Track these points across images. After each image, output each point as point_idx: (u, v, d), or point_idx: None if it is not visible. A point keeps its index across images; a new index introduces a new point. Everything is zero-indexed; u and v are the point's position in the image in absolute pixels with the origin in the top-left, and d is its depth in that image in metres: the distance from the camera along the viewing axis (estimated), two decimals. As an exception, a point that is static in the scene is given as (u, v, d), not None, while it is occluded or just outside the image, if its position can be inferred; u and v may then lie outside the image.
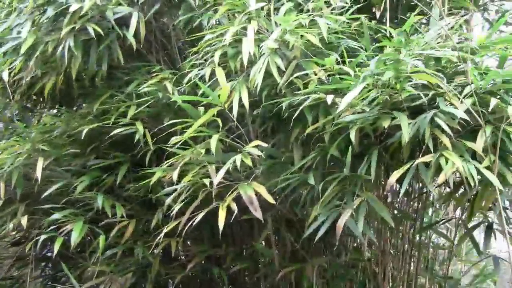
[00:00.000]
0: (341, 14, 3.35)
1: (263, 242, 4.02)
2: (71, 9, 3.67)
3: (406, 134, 2.56)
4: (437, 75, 2.65)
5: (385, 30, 3.25)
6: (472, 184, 2.45)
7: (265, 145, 3.17)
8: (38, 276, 4.84)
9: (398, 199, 3.99)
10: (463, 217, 3.60)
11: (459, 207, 3.51)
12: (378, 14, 3.66)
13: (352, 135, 2.71)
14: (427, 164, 2.63)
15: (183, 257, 4.45)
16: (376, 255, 3.90)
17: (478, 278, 4.24)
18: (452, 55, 2.74)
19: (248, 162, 3.02)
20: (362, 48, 3.24)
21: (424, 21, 3.73)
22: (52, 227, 3.83)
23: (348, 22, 3.35)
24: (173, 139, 3.28)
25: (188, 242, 4.41)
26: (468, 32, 3.66)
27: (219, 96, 3.11)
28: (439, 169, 2.55)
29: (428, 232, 4.11)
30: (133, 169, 3.98)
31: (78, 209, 3.93)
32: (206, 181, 3.09)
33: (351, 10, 3.36)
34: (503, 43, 2.82)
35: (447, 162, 2.51)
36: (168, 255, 3.95)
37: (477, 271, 4.47)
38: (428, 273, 4.10)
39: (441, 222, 3.95)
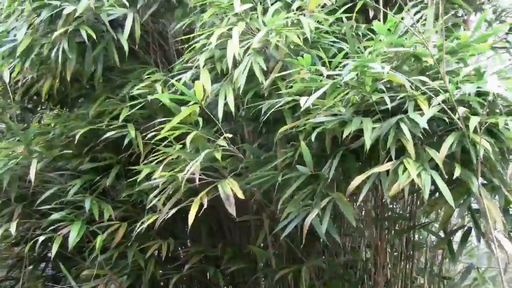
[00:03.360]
0: (333, 13, 3.34)
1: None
2: (65, 12, 3.70)
3: (367, 139, 2.57)
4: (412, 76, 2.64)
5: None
6: (426, 196, 2.44)
7: (229, 134, 3.20)
8: (38, 276, 4.87)
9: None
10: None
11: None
12: (371, 14, 3.63)
13: (313, 137, 2.73)
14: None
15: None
16: (374, 255, 3.89)
17: (476, 281, 4.20)
18: (425, 55, 2.73)
19: (218, 156, 3.06)
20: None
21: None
22: (51, 228, 3.86)
23: (338, 24, 3.33)
24: (152, 135, 3.32)
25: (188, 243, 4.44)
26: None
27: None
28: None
29: (426, 233, 4.10)
30: (129, 170, 3.98)
31: (77, 209, 3.95)
32: (179, 176, 3.09)
33: (343, 8, 3.34)
34: (481, 40, 2.78)
35: (405, 171, 2.51)
36: (167, 255, 3.94)
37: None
38: (426, 273, 4.07)
39: (425, 223, 3.91)
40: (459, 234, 3.16)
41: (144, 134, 3.60)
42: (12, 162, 3.91)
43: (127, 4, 3.83)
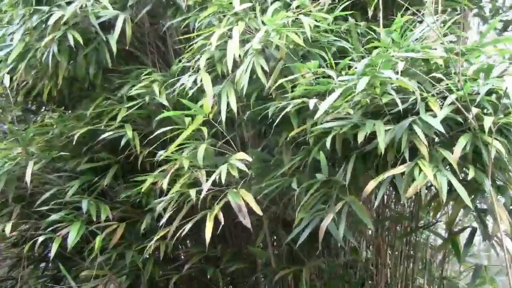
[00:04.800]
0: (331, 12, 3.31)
1: (260, 244, 4.00)
2: (52, 19, 3.71)
3: (381, 142, 2.52)
4: (422, 78, 2.62)
5: (377, 29, 3.20)
6: (443, 197, 2.41)
7: (248, 157, 3.12)
8: (38, 276, 4.87)
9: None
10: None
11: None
12: (370, 13, 3.60)
13: (328, 143, 2.67)
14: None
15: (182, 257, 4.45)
16: (374, 255, 3.88)
17: (476, 280, 4.18)
18: (437, 57, 2.69)
19: (235, 173, 2.99)
20: (352, 48, 3.18)
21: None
22: (50, 228, 3.85)
23: (337, 23, 3.31)
24: (160, 153, 3.29)
25: (188, 243, 4.42)
26: (464, 31, 3.60)
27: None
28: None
29: (427, 233, 4.08)
30: (128, 171, 3.98)
31: (76, 210, 3.93)
32: (192, 192, 3.06)
33: (341, 7, 3.31)
34: (491, 44, 2.76)
35: (420, 172, 2.48)
36: (167, 256, 3.94)
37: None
38: (426, 274, 4.06)
39: (427, 225, 3.89)
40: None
41: (152, 148, 3.60)
42: (10, 163, 3.90)
43: (110, 7, 3.83)
